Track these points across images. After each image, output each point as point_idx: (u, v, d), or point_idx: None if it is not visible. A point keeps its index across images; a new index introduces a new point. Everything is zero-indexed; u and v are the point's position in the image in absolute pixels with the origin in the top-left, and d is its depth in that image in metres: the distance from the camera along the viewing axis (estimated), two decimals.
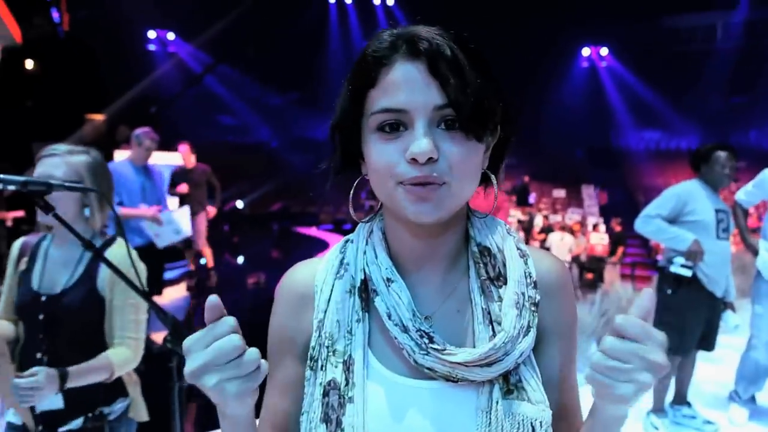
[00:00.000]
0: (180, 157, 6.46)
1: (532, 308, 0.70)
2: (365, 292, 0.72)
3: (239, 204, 16.91)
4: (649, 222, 3.13)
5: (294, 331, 0.76)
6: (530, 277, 0.72)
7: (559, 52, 21.22)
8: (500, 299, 0.70)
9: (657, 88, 20.23)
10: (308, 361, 0.73)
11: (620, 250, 11.23)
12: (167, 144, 6.21)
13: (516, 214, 11.98)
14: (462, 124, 0.64)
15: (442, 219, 0.66)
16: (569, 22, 19.36)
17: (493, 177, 0.74)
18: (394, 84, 0.65)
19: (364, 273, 0.73)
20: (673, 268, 3.08)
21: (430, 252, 0.73)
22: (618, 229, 11.72)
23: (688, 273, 3.03)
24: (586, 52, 22.64)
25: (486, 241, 0.74)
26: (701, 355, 3.34)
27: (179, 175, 6.37)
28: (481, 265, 0.72)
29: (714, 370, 4.01)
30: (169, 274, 6.60)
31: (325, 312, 0.73)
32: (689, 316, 3.09)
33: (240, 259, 11.39)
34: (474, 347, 0.68)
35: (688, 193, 3.10)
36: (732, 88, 19.63)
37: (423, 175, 0.63)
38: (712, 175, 3.13)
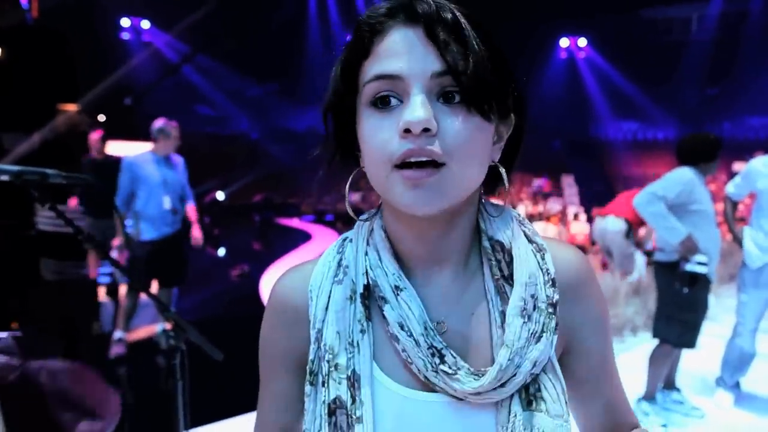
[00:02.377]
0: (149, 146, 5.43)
1: (549, 309, 0.63)
2: (368, 299, 0.65)
3: (220, 195, 16.73)
4: (653, 202, 3.02)
5: (288, 347, 0.69)
6: (547, 273, 0.65)
7: (537, 43, 21.33)
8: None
9: (634, 79, 20.50)
10: (308, 376, 0.66)
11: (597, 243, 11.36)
12: (146, 135, 6.01)
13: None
14: (463, 94, 0.56)
15: (443, 209, 0.58)
16: (547, 13, 19.46)
17: (503, 171, 0.65)
18: (387, 50, 0.58)
19: (367, 277, 0.66)
20: (689, 267, 3.04)
21: (437, 250, 0.65)
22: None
23: (704, 270, 3.00)
24: (564, 42, 22.79)
25: (498, 235, 0.66)
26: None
27: (87, 168, 5.21)
28: (494, 262, 0.66)
29: (700, 358, 4.08)
30: None
31: (323, 321, 0.66)
32: (701, 310, 3.13)
33: (221, 252, 11.27)
34: (491, 354, 0.63)
35: (692, 182, 3.07)
36: (706, 80, 20.00)
37: (418, 147, 0.55)
38: (715, 165, 3.14)
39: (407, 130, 0.55)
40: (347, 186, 0.68)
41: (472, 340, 0.65)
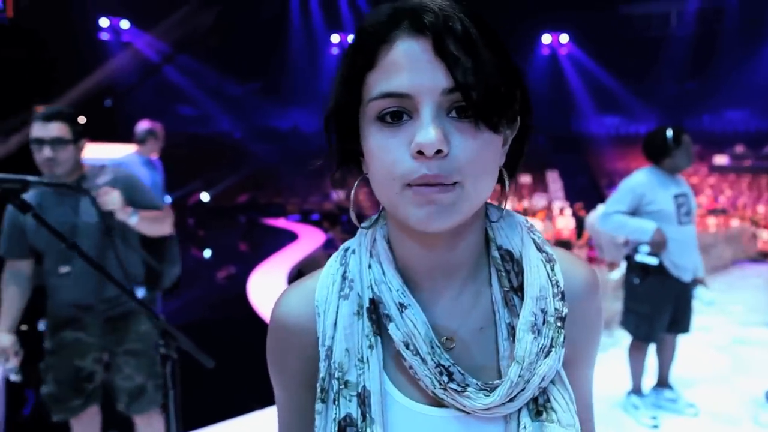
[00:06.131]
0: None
1: (558, 324, 0.62)
2: (375, 313, 0.64)
3: (204, 197, 16.56)
4: (608, 219, 3.12)
5: (300, 369, 0.67)
6: (557, 286, 0.63)
7: (519, 40, 21.45)
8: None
9: (616, 74, 20.73)
10: (318, 393, 0.64)
11: (586, 234, 11.48)
12: (127, 137, 5.89)
13: None
14: (474, 111, 0.54)
15: (456, 224, 0.58)
16: (529, 10, 19.57)
17: (506, 175, 0.64)
18: (395, 65, 0.55)
19: (372, 292, 0.64)
20: (638, 257, 3.09)
21: (445, 262, 0.64)
22: (582, 213, 11.97)
23: (654, 261, 3.05)
24: (546, 39, 22.94)
25: (507, 244, 0.65)
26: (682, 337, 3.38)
27: None
28: (504, 273, 0.64)
29: (694, 352, 4.10)
30: None
31: (333, 338, 0.64)
32: (658, 304, 3.11)
33: (207, 253, 11.16)
34: (497, 367, 0.63)
35: (642, 184, 3.10)
36: (686, 74, 20.29)
37: (433, 174, 0.54)
38: (679, 159, 3.10)
39: (420, 152, 0.54)
40: (351, 194, 0.65)
41: (480, 355, 0.64)
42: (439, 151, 0.54)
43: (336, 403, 0.63)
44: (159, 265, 2.41)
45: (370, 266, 0.65)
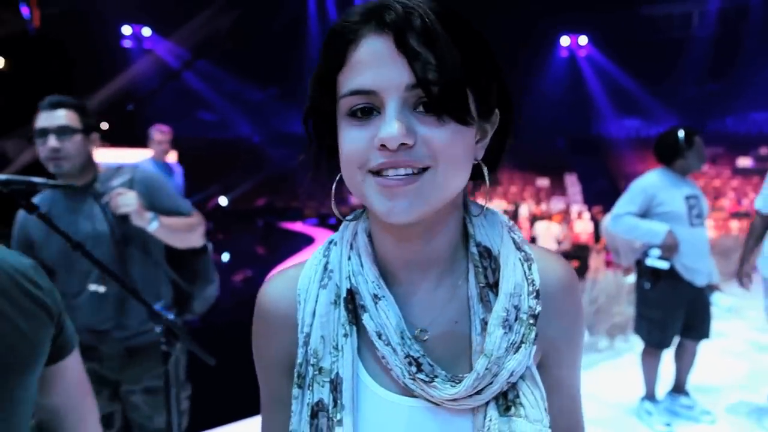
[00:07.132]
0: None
1: (530, 321, 0.62)
2: (352, 302, 0.66)
3: (222, 201, 16.75)
4: (619, 221, 3.07)
5: (281, 354, 0.70)
6: (532, 284, 0.64)
7: (538, 42, 21.32)
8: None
9: (636, 76, 20.46)
10: (296, 378, 0.67)
11: (603, 238, 11.31)
12: (147, 142, 6.03)
13: (500, 204, 12.05)
14: (435, 105, 0.56)
15: (424, 216, 0.58)
16: (547, 12, 19.44)
17: (485, 169, 0.64)
18: (361, 63, 0.57)
19: (350, 282, 0.66)
20: (649, 261, 3.03)
21: (421, 255, 0.65)
22: (600, 217, 11.82)
23: (665, 265, 2.98)
24: (565, 41, 22.76)
25: (486, 241, 0.66)
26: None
27: None
28: (480, 269, 0.65)
29: (711, 358, 4.01)
30: None
31: (311, 326, 0.66)
32: (670, 310, 3.04)
33: (225, 257, 11.28)
34: (469, 361, 0.63)
35: (653, 185, 3.04)
36: (708, 76, 19.94)
37: (393, 161, 0.55)
38: (691, 160, 3.05)
39: (383, 146, 0.55)
40: (332, 188, 0.68)
41: (454, 348, 0.65)
42: (403, 144, 0.55)
43: (311, 388, 0.65)
44: (189, 285, 2.06)
45: (349, 258, 0.67)
